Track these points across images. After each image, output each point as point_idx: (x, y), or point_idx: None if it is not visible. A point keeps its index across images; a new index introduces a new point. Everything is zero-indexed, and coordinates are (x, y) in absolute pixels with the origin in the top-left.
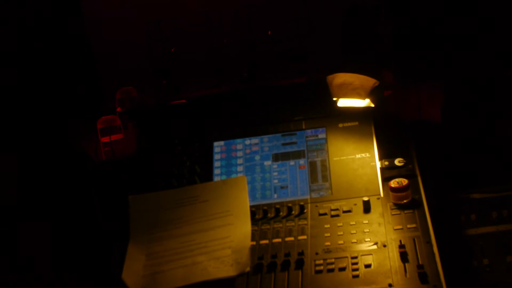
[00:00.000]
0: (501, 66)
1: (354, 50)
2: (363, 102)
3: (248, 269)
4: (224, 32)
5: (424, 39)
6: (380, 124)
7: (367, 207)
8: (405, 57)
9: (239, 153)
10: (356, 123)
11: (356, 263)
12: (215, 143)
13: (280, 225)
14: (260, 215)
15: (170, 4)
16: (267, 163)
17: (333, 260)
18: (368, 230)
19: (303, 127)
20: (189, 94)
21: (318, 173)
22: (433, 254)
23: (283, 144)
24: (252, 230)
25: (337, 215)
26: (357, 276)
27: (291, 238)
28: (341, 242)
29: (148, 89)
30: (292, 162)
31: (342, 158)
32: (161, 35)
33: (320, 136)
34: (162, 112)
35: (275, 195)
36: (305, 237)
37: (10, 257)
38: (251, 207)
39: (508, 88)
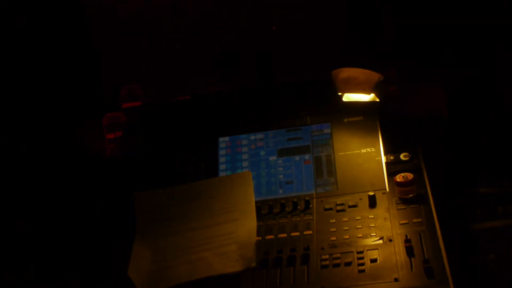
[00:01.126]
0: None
1: (357, 47)
2: (368, 97)
3: (253, 264)
4: (227, 30)
5: (428, 34)
6: (385, 119)
7: (372, 202)
8: (409, 53)
9: (244, 149)
10: (361, 117)
11: (362, 258)
12: (220, 139)
13: (286, 220)
14: (266, 211)
15: (173, 2)
16: (272, 158)
17: (339, 255)
18: (373, 225)
19: (308, 122)
20: (193, 91)
21: (324, 168)
22: (439, 248)
23: (288, 140)
24: (257, 226)
25: (343, 210)
26: (363, 270)
27: (297, 233)
28: (347, 237)
29: (151, 86)
30: (297, 157)
31: (347, 153)
32: (164, 32)
33: (325, 131)
34: (167, 109)
35: (281, 191)
36: (310, 232)
37: (10, 257)
38: (256, 202)
39: None
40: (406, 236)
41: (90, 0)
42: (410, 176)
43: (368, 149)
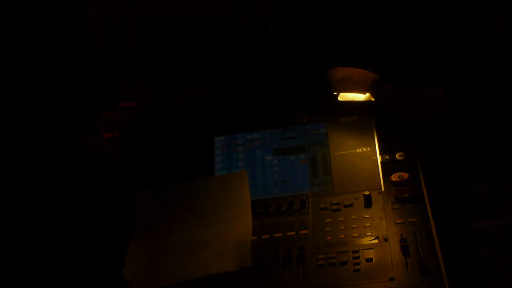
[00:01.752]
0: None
1: (356, 46)
2: (364, 96)
3: (249, 263)
4: (227, 30)
5: (428, 34)
6: (381, 118)
7: (368, 201)
8: (409, 53)
9: (240, 148)
10: (357, 117)
11: (358, 257)
12: (216, 138)
13: (281, 219)
14: (261, 210)
15: (173, 2)
16: (268, 158)
17: (334, 254)
18: (369, 224)
19: (304, 122)
20: (190, 91)
21: (319, 167)
22: (434, 248)
23: (284, 139)
24: (253, 225)
25: (338, 210)
26: (358, 270)
27: (292, 233)
28: (342, 236)
29: (150, 86)
30: (293, 157)
31: (343, 152)
32: (164, 33)
33: (321, 130)
34: (164, 108)
35: (276, 190)
36: (306, 231)
37: (10, 257)
38: (252, 202)
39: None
40: (401, 235)
41: (90, 0)
42: (405, 175)
43: (364, 149)
